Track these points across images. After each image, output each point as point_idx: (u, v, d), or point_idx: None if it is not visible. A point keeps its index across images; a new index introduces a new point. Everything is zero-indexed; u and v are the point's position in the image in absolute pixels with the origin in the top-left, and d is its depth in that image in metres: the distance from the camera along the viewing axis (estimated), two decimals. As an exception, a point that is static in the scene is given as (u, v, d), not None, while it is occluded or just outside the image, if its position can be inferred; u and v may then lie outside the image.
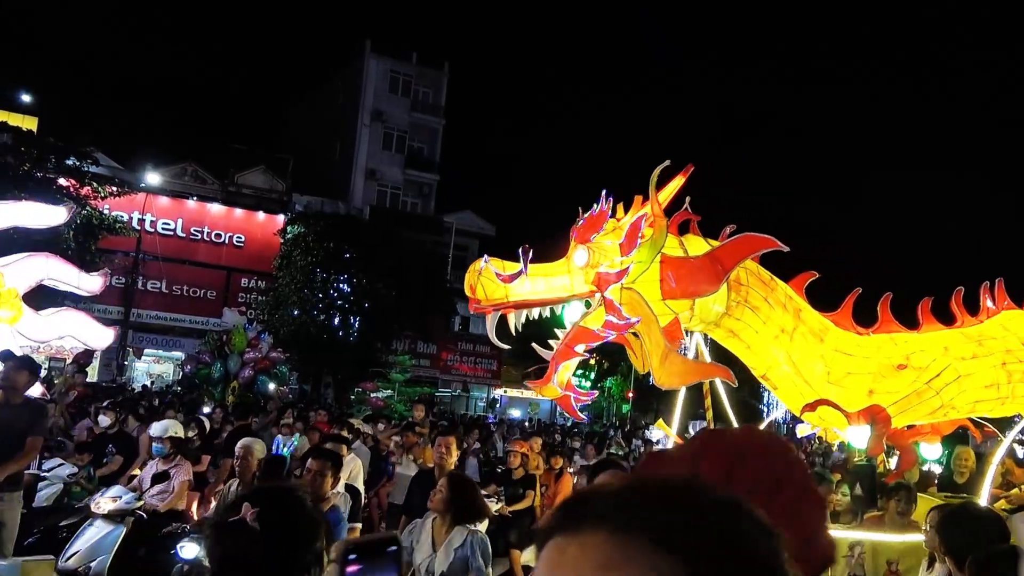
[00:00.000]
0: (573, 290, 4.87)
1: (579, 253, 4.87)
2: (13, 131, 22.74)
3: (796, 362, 5.39)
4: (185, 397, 17.65)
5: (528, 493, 7.88)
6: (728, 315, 5.26)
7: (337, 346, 28.54)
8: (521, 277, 4.73)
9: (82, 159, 23.22)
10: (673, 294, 4.83)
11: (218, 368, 18.24)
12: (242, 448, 5.34)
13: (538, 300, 4.86)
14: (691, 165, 5.05)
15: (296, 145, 38.64)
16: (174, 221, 30.60)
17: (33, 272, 9.07)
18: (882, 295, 5.76)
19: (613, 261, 4.80)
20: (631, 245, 4.78)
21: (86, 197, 23.33)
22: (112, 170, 27.49)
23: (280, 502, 1.80)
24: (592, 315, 4.88)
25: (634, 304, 4.74)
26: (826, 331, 5.47)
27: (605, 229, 4.92)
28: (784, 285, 5.46)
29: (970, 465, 6.06)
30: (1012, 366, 5.41)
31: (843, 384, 5.41)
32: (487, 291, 4.74)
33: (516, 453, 8.08)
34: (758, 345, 5.37)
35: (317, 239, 28.69)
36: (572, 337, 4.88)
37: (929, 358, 5.35)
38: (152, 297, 30.06)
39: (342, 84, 36.83)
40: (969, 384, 5.32)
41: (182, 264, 30.65)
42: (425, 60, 36.29)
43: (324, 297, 29.31)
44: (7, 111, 25.12)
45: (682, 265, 4.80)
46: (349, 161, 34.99)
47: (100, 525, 5.94)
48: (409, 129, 35.98)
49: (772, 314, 5.32)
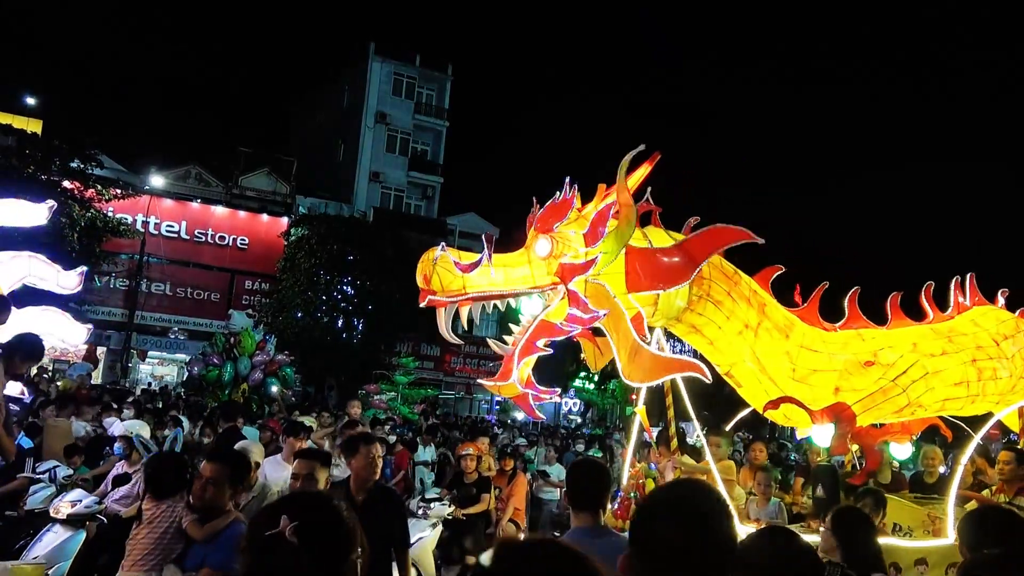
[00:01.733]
0: (534, 281, 4.62)
1: (541, 243, 4.62)
2: (17, 134, 22.91)
3: (760, 358, 5.24)
4: (190, 399, 17.66)
5: (483, 496, 7.64)
6: (690, 310, 5.11)
7: (340, 348, 28.57)
8: (481, 267, 4.50)
9: (86, 162, 23.36)
10: (640, 287, 4.63)
11: (229, 370, 18.17)
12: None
13: (497, 292, 4.62)
14: (658, 153, 4.87)
15: (300, 147, 38.82)
16: (178, 223, 30.75)
17: (17, 271, 9.07)
18: (850, 290, 5.62)
19: (577, 252, 4.59)
20: (596, 235, 4.57)
21: (90, 199, 23.50)
22: (116, 172, 27.70)
23: (319, 512, 1.67)
24: (555, 308, 4.70)
25: (599, 297, 4.55)
26: (792, 327, 5.32)
27: (569, 218, 4.69)
28: (748, 279, 5.30)
29: (937, 464, 5.91)
30: (982, 363, 5.24)
31: (809, 381, 5.26)
32: (443, 282, 4.48)
33: (471, 456, 7.75)
34: (721, 341, 5.23)
35: (321, 241, 28.76)
36: (534, 331, 4.69)
37: (896, 355, 5.19)
38: (156, 299, 30.22)
39: (346, 86, 36.93)
40: (937, 382, 5.16)
41: (186, 266, 30.79)
42: (428, 62, 36.34)
43: (328, 299, 29.36)
44: (11, 114, 25.32)
45: (650, 257, 4.61)
46: (353, 163, 35.06)
47: (59, 530, 5.70)
48: (413, 131, 36.02)
49: (736, 309, 5.17)
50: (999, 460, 5.56)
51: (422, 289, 4.56)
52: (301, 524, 1.59)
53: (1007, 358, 5.31)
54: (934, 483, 5.99)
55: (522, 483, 8.14)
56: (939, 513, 5.19)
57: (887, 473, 6.01)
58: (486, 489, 7.67)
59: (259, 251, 31.39)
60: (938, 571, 4.84)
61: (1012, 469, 5.42)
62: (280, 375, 19.45)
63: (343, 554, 1.64)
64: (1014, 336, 5.43)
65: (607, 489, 3.31)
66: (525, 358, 4.78)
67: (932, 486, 5.97)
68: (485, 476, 7.80)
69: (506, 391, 4.84)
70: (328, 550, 1.62)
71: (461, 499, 7.54)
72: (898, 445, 5.82)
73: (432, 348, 32.20)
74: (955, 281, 5.74)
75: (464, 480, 7.72)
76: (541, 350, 4.75)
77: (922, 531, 5.20)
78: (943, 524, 5.08)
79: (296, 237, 29.81)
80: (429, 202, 36.65)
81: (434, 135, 36.97)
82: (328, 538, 1.63)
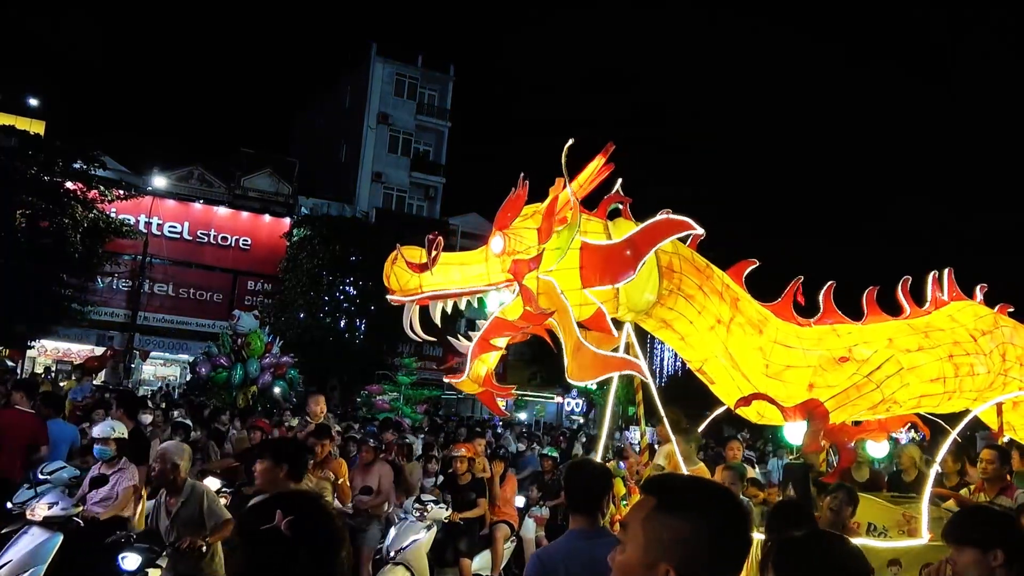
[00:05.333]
0: (489, 279, 4.59)
1: (495, 240, 4.59)
2: (20, 135, 23.06)
3: (733, 354, 5.14)
4: (195, 400, 17.65)
5: (480, 501, 7.47)
6: (660, 304, 5.01)
7: (343, 349, 28.60)
8: (438, 266, 4.51)
9: (89, 163, 23.50)
10: (591, 282, 4.57)
11: (238, 372, 18.11)
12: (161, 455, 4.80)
13: (456, 291, 4.61)
14: (611, 144, 4.81)
15: (302, 148, 38.93)
16: (180, 224, 30.88)
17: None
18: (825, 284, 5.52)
19: (530, 248, 4.55)
20: (548, 231, 4.54)
21: (93, 200, 23.63)
22: (119, 174, 27.82)
23: (313, 510, 1.69)
24: (510, 306, 4.68)
25: (550, 294, 4.55)
26: (765, 322, 5.22)
27: (524, 214, 4.67)
28: (721, 273, 5.20)
29: (915, 463, 5.79)
30: (959, 359, 5.12)
31: (782, 377, 5.16)
32: (400, 281, 4.53)
33: (462, 458, 7.60)
34: (693, 336, 5.13)
35: (323, 242, 28.83)
36: (488, 329, 4.65)
37: (871, 350, 5.08)
38: (159, 300, 30.34)
39: (348, 87, 36.99)
40: (913, 378, 5.04)
41: (188, 267, 30.93)
42: (431, 63, 36.39)
43: (330, 300, 29.42)
44: (14, 115, 25.49)
45: (598, 251, 4.57)
46: (355, 164, 35.09)
47: (35, 533, 5.50)
48: (415, 132, 36.04)
49: (707, 303, 5.07)
50: (981, 459, 5.44)
51: (388, 288, 4.60)
52: (295, 520, 1.60)
53: (985, 354, 5.19)
54: (912, 482, 5.87)
55: (512, 484, 8.03)
56: (915, 512, 5.07)
57: (864, 471, 5.90)
58: (482, 492, 7.54)
59: (261, 252, 31.48)
60: (912, 572, 4.73)
61: (995, 468, 5.30)
62: (287, 377, 19.45)
63: (335, 551, 1.65)
64: (992, 332, 5.31)
65: (607, 491, 3.25)
66: (480, 355, 4.72)
67: (910, 485, 5.85)
68: (479, 478, 7.61)
69: (465, 387, 4.80)
70: (321, 546, 1.63)
71: (459, 504, 7.38)
72: (875, 443, 5.71)
73: (434, 349, 32.12)
74: (932, 276, 5.63)
75: (457, 483, 7.58)
76: (496, 348, 4.72)
77: (897, 531, 5.09)
78: (919, 524, 4.97)
79: (298, 238, 29.89)
80: (431, 202, 36.64)
81: (436, 135, 36.97)
82: (321, 535, 1.64)
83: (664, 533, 1.44)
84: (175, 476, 4.73)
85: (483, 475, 7.67)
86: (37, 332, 24.40)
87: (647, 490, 1.56)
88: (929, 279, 5.61)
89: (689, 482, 1.75)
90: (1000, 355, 5.28)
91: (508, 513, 7.90)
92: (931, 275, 5.61)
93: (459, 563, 7.32)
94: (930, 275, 5.61)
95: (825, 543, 1.95)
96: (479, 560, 7.53)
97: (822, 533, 2.21)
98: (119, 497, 5.67)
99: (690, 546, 1.42)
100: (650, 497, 1.51)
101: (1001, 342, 5.32)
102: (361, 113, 35.10)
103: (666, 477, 1.70)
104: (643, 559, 1.44)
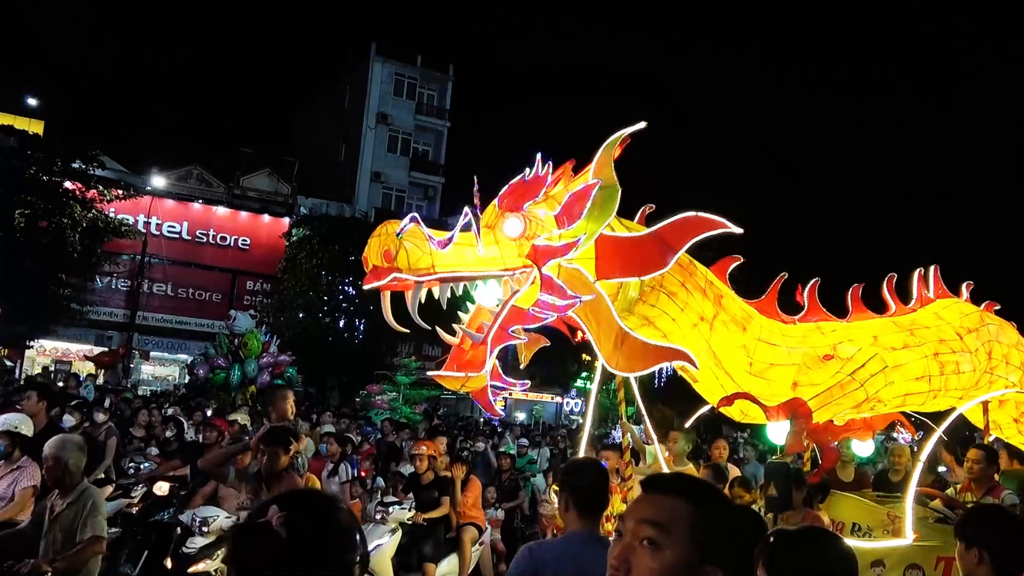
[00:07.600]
0: (504, 263, 4.26)
1: (511, 222, 4.27)
2: (19, 135, 23.08)
3: (716, 352, 5.07)
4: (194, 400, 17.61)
5: (443, 499, 7.29)
6: (642, 301, 4.92)
7: (342, 349, 28.57)
8: (453, 246, 4.09)
9: (88, 162, 23.52)
10: (611, 274, 4.37)
11: (236, 372, 18.06)
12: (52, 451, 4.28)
13: (468, 273, 4.24)
14: (628, 137, 4.64)
15: (301, 148, 38.89)
16: (179, 224, 30.88)
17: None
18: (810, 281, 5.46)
19: (551, 234, 4.29)
20: (573, 216, 4.26)
21: (92, 200, 23.65)
22: (118, 173, 27.82)
23: (311, 507, 1.62)
24: (524, 294, 4.39)
25: (576, 282, 4.28)
26: (749, 319, 5.15)
27: (539, 198, 4.36)
28: (704, 269, 5.13)
29: (904, 462, 5.73)
30: (945, 357, 5.06)
31: (766, 376, 5.10)
32: (411, 259, 3.98)
33: (422, 456, 7.39)
34: (675, 334, 5.04)
35: (322, 242, 28.80)
36: (506, 318, 4.27)
37: (855, 348, 5.03)
38: (157, 300, 30.33)
39: (347, 87, 36.98)
40: (898, 376, 4.98)
41: (187, 267, 30.90)
42: (430, 63, 36.35)
43: (329, 300, 29.38)
44: (13, 115, 25.51)
45: (622, 243, 4.36)
46: (354, 164, 35.08)
47: None
48: (414, 131, 36.03)
49: (690, 300, 5.00)
50: (968, 458, 5.36)
51: (377, 267, 4.04)
52: (290, 517, 1.54)
53: (970, 352, 5.13)
54: (898, 481, 5.81)
55: (476, 486, 7.83)
56: (900, 512, 5.01)
57: (849, 470, 5.84)
58: (445, 491, 7.36)
59: (261, 252, 31.47)
60: (896, 573, 4.68)
61: (982, 468, 5.22)
62: (285, 377, 19.41)
63: (334, 554, 1.57)
64: (978, 330, 5.25)
65: (606, 494, 3.15)
66: (500, 346, 4.48)
67: (897, 484, 5.79)
68: (443, 476, 7.46)
69: (474, 383, 4.49)
70: (314, 547, 1.55)
71: (422, 503, 7.20)
72: (860, 442, 5.64)
73: (434, 348, 32.06)
74: (918, 273, 5.57)
75: (420, 482, 7.41)
76: (514, 338, 4.45)
77: (882, 531, 5.03)
78: (903, 524, 4.91)
79: (297, 238, 29.87)
80: (430, 202, 36.61)
81: (435, 135, 36.96)
82: (316, 535, 1.56)
83: (702, 535, 1.40)
84: (63, 474, 4.25)
85: (446, 474, 7.50)
86: (36, 332, 24.40)
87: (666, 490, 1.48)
88: (915, 276, 5.55)
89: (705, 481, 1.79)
90: (986, 353, 5.22)
91: (475, 516, 7.65)
92: (917, 272, 5.55)
93: (423, 568, 7.08)
94: (916, 272, 5.55)
95: (817, 539, 1.98)
96: (446, 564, 7.28)
97: (814, 530, 2.20)
98: (16, 499, 5.11)
99: (730, 544, 1.42)
100: (678, 498, 1.44)
101: (987, 340, 5.26)
102: (360, 113, 35.10)
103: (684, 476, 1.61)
104: (685, 561, 1.39)
